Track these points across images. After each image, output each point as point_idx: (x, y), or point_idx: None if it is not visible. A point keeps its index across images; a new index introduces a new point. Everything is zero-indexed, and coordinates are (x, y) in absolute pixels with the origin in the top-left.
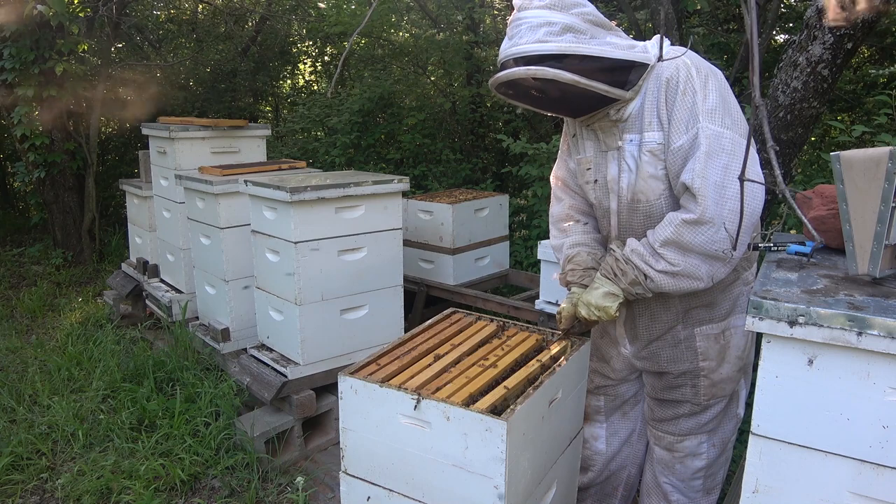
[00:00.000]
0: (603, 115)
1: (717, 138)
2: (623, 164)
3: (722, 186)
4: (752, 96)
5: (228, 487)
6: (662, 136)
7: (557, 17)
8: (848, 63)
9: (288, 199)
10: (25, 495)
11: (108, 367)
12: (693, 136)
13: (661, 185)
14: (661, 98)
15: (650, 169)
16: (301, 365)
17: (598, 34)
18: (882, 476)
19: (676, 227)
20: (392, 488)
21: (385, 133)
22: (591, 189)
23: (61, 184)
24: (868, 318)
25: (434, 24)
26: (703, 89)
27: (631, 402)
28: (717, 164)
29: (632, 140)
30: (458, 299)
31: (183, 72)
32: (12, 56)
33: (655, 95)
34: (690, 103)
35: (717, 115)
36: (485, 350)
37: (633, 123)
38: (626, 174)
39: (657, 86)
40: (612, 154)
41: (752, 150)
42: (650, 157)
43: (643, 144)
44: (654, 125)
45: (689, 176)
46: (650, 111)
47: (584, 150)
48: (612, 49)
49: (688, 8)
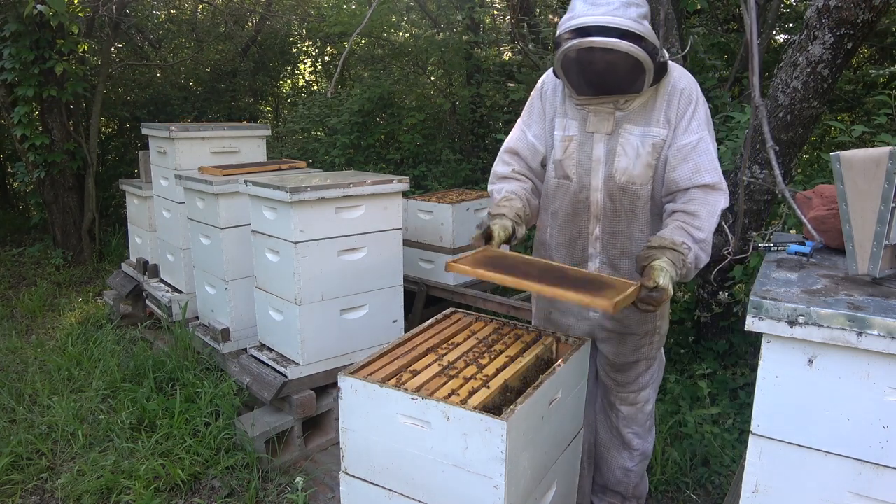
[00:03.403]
0: (610, 101)
1: (712, 145)
2: (618, 148)
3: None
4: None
5: (228, 487)
6: (666, 134)
7: (640, 0)
8: (848, 63)
9: (288, 199)
10: (25, 495)
11: (108, 367)
12: (697, 139)
13: (650, 172)
14: (674, 103)
15: (648, 158)
16: (301, 365)
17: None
18: (882, 476)
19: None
20: (392, 488)
21: (385, 133)
22: (572, 165)
23: (61, 184)
24: (868, 318)
25: (434, 24)
26: (704, 106)
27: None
28: (715, 160)
29: (634, 131)
30: (458, 299)
31: (183, 72)
32: (12, 56)
33: (667, 99)
34: (699, 115)
35: (711, 131)
36: (485, 350)
37: (635, 116)
38: (622, 158)
39: (671, 92)
40: (599, 136)
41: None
42: (651, 148)
43: (647, 137)
44: (661, 123)
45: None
46: (660, 110)
47: (566, 128)
48: (662, 49)
49: (688, 8)
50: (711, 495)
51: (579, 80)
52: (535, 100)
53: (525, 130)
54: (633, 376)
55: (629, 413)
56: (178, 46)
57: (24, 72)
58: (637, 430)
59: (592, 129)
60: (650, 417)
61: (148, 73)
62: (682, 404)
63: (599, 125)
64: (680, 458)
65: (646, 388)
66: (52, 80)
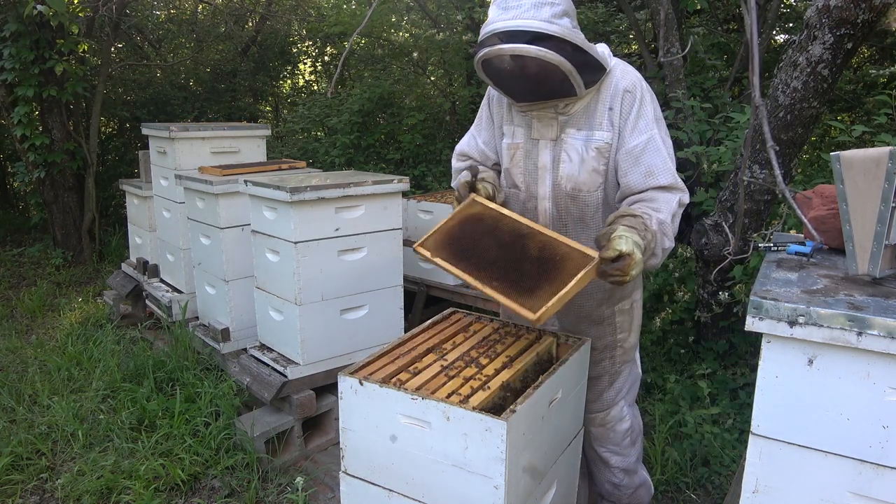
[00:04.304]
0: (550, 105)
1: (664, 142)
2: (563, 154)
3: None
4: (752, 96)
5: (228, 487)
6: (611, 137)
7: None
8: (848, 63)
9: (288, 199)
10: (25, 495)
11: (108, 367)
12: (647, 139)
13: (599, 178)
14: (617, 104)
15: (594, 164)
16: (301, 365)
17: (577, 26)
18: (882, 476)
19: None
20: (392, 488)
21: (385, 133)
22: (520, 174)
23: (61, 184)
24: (868, 318)
25: (434, 24)
26: (652, 102)
27: None
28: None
29: (577, 135)
30: (458, 299)
31: (183, 72)
32: (12, 56)
33: (610, 101)
34: (646, 113)
35: (662, 126)
36: (485, 350)
37: (577, 120)
38: (567, 164)
39: (613, 92)
40: (544, 143)
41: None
42: (596, 153)
43: (591, 141)
44: (605, 126)
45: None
46: (602, 113)
47: (513, 136)
48: (590, 46)
49: (688, 8)
50: (711, 495)
51: (511, 87)
52: (484, 107)
53: (476, 136)
54: (595, 393)
55: (598, 434)
56: (178, 46)
57: (24, 72)
58: (612, 449)
59: (537, 135)
60: (629, 434)
61: (148, 73)
62: (682, 404)
63: (544, 131)
64: (680, 458)
65: (613, 405)
66: (52, 80)
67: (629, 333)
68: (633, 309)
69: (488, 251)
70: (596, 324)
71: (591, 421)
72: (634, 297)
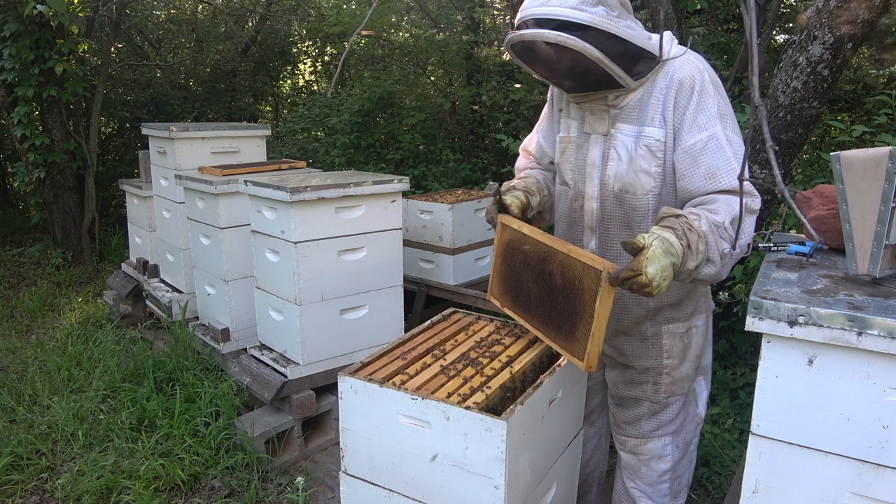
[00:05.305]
0: (600, 97)
1: (730, 143)
2: (612, 151)
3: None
4: (752, 96)
5: (228, 487)
6: (663, 134)
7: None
8: (848, 63)
9: (288, 199)
10: (25, 495)
11: (107, 367)
12: (708, 137)
13: (651, 181)
14: (671, 97)
15: (643, 164)
16: (301, 365)
17: (623, 15)
18: (882, 476)
19: (728, 202)
20: (392, 488)
21: (385, 133)
22: (569, 170)
23: (61, 184)
24: (868, 318)
25: (434, 24)
26: (716, 95)
27: (597, 412)
28: (733, 159)
29: (627, 131)
30: (458, 299)
31: (183, 72)
32: (12, 56)
33: (664, 93)
34: (706, 108)
35: (728, 122)
36: (485, 350)
37: (629, 114)
38: (615, 162)
39: (667, 84)
40: (595, 138)
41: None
42: (646, 151)
43: (641, 138)
44: (657, 122)
45: (709, 171)
46: (655, 107)
47: (567, 129)
48: (636, 35)
49: (688, 8)
50: (711, 495)
51: (556, 77)
52: (548, 99)
53: (538, 130)
54: (631, 416)
55: (629, 463)
56: (178, 46)
57: (24, 72)
58: (644, 489)
59: (589, 129)
60: (667, 478)
61: (148, 73)
62: None
63: (595, 125)
64: None
65: (651, 438)
66: (52, 80)
67: (681, 362)
68: (691, 335)
69: (530, 287)
70: (638, 341)
71: (622, 443)
72: (694, 323)
